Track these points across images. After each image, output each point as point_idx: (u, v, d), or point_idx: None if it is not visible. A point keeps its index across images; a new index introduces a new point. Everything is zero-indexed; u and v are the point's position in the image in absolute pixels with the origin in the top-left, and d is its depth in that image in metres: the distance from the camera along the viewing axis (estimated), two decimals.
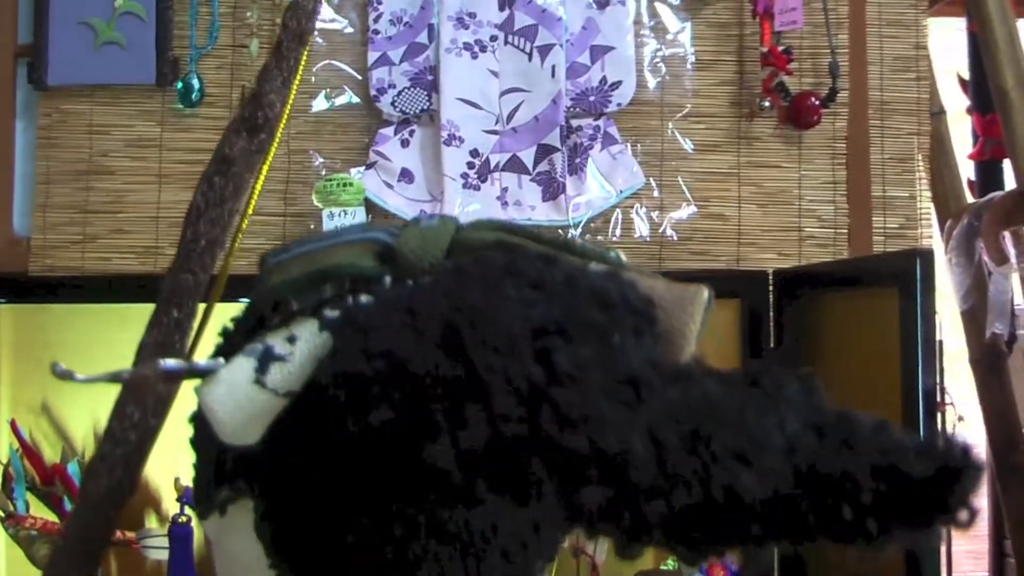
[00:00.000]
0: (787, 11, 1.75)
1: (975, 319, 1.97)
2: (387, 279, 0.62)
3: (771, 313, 1.76)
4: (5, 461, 1.69)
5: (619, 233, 1.76)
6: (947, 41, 2.25)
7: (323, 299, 0.62)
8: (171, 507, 1.71)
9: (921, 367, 1.48)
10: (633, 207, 1.78)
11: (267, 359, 0.59)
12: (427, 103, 1.75)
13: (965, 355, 2.06)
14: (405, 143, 1.75)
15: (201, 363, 0.59)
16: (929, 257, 1.55)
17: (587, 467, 0.45)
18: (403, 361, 0.52)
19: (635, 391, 0.46)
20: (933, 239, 1.86)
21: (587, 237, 1.74)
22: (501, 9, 1.77)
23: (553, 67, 1.74)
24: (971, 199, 2.06)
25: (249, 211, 0.74)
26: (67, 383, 1.69)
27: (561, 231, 1.71)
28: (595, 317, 0.49)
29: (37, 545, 1.61)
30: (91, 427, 1.74)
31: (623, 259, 0.59)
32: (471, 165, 1.73)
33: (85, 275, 1.77)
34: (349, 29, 1.79)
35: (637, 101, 1.79)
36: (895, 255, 1.70)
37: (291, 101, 0.72)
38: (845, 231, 1.81)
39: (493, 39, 1.76)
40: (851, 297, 1.66)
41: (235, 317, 0.68)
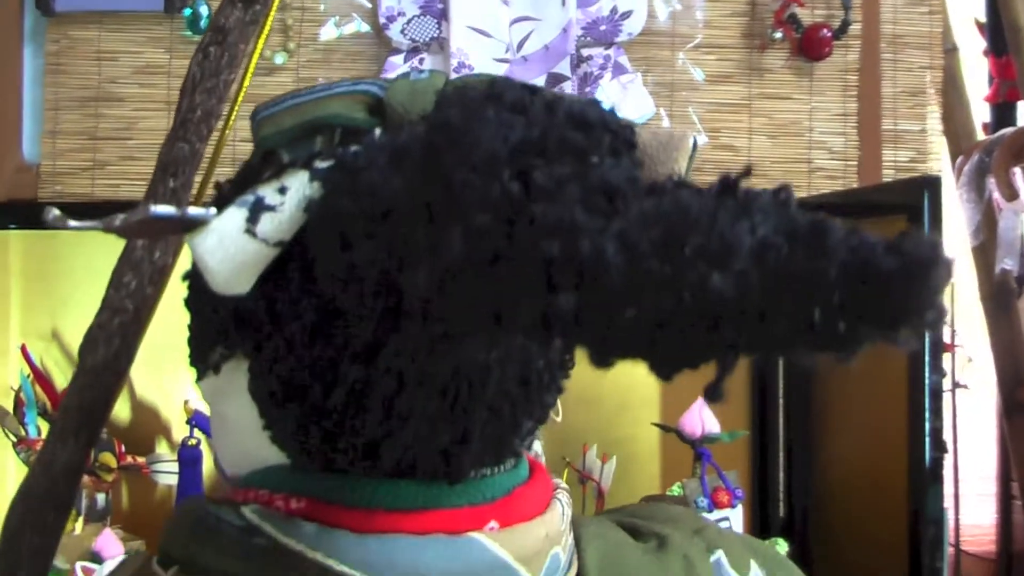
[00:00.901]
0: None
1: (985, 255, 1.97)
2: (377, 130, 0.62)
3: None
4: (16, 387, 1.70)
5: None
6: None
7: (314, 152, 0.62)
8: (180, 433, 1.72)
9: None
10: None
11: (258, 209, 0.59)
12: (436, 31, 1.74)
13: (976, 299, 2.05)
14: None
15: (191, 212, 0.59)
16: (937, 185, 1.54)
17: (561, 274, 0.45)
18: (388, 195, 0.52)
19: (610, 201, 0.46)
20: (943, 173, 1.85)
21: None
22: None
23: None
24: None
25: (246, 83, 0.74)
26: (75, 310, 1.70)
27: None
28: (574, 137, 0.49)
29: None
30: None
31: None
32: None
33: (95, 201, 1.77)
34: None
35: (648, 31, 1.78)
36: (903, 183, 1.69)
37: None
38: (855, 164, 1.80)
39: None
40: (859, 227, 1.65)
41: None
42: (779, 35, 1.78)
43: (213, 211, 0.59)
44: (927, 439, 1.50)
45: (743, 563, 0.77)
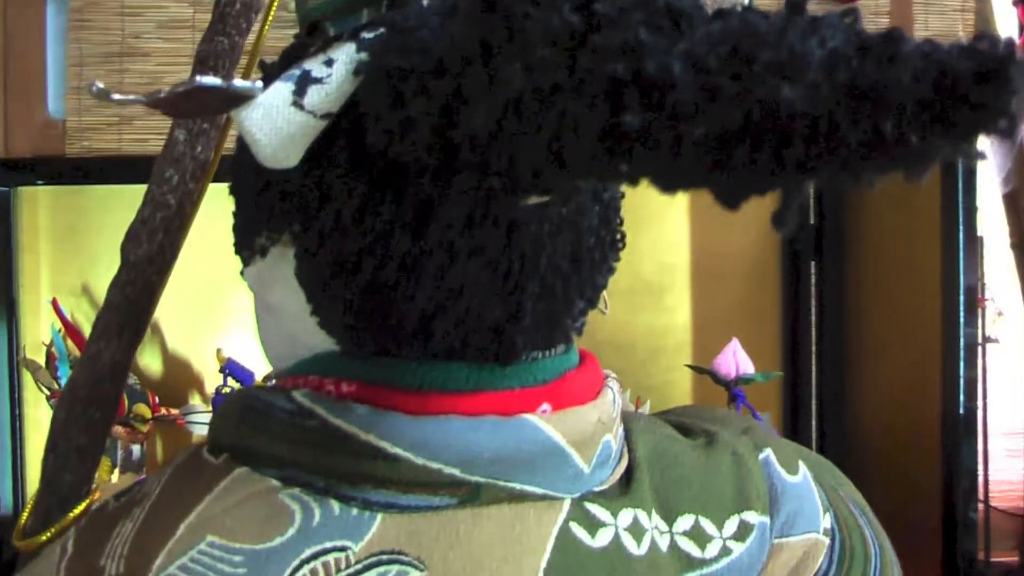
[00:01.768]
0: None
1: (1015, 203, 1.95)
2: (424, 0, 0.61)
3: (811, 188, 1.73)
4: (48, 342, 1.70)
5: None
6: None
7: (360, 23, 0.61)
8: (213, 384, 1.72)
9: (962, 226, 1.46)
10: None
11: (304, 82, 0.58)
12: None
13: (1007, 252, 2.03)
14: None
15: (237, 84, 0.58)
16: None
17: (627, 93, 0.44)
18: (441, 47, 0.51)
19: (675, 24, 0.45)
20: None
21: None
22: None
23: None
24: None
25: None
26: (105, 265, 1.69)
27: None
28: None
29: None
30: None
31: None
32: None
33: (122, 156, 1.76)
34: None
35: None
36: None
37: None
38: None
39: None
40: None
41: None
42: None
43: (259, 84, 0.58)
44: (961, 389, 1.49)
45: (791, 463, 0.76)
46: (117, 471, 1.60)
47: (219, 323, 1.69)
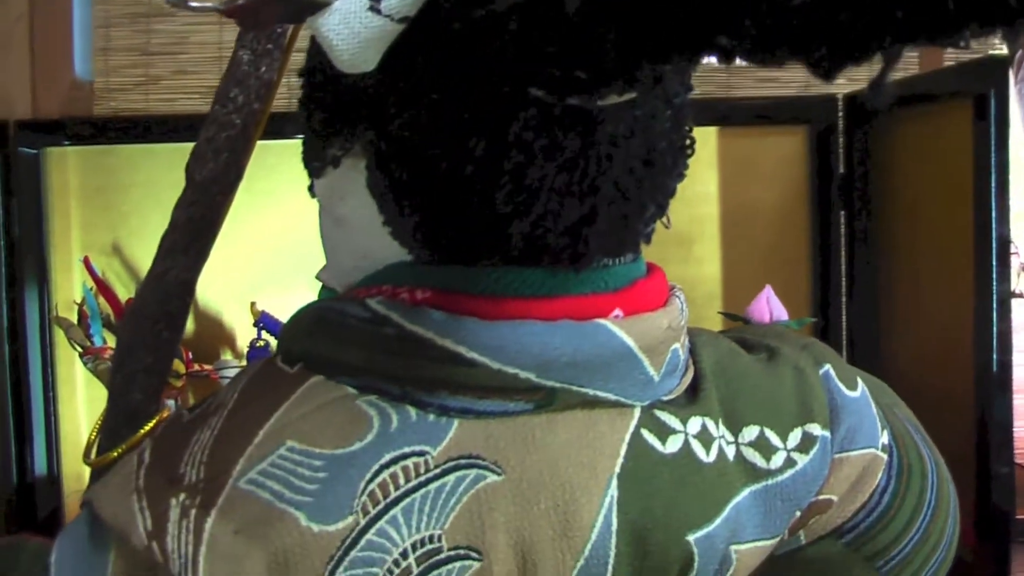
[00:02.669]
0: None
1: None
2: None
3: (841, 139, 1.74)
4: (79, 300, 1.71)
5: None
6: None
7: None
8: (245, 339, 1.73)
9: (995, 179, 1.46)
10: None
11: None
12: None
13: None
14: None
15: None
16: (1004, 66, 1.52)
17: None
18: None
19: None
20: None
21: None
22: None
23: None
24: None
25: None
26: (135, 224, 1.70)
27: None
28: None
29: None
30: None
31: None
32: None
33: (150, 115, 1.77)
34: None
35: None
36: (967, 65, 1.66)
37: None
38: (916, 54, 1.78)
39: None
40: (923, 116, 1.63)
41: None
42: None
43: None
44: (994, 342, 1.48)
45: (850, 378, 0.76)
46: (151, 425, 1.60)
47: (250, 279, 1.70)
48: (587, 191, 0.60)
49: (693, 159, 0.68)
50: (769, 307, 1.55)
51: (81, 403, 1.77)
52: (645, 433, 0.65)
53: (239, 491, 0.58)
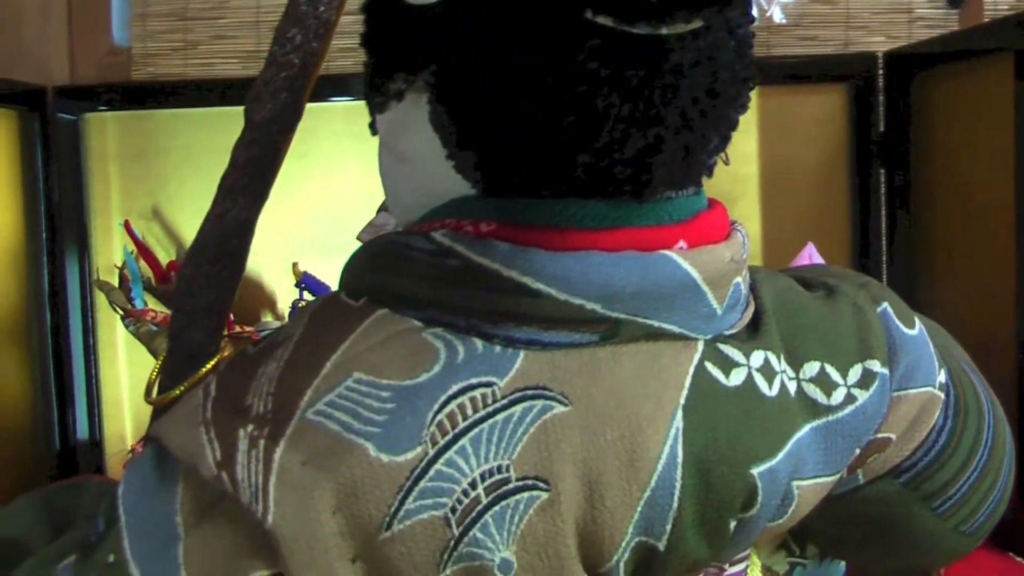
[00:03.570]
0: None
1: None
2: None
3: (881, 97, 1.73)
4: (119, 264, 1.72)
5: None
6: None
7: None
8: (286, 301, 1.73)
9: None
10: None
11: None
12: None
13: None
14: None
15: None
16: None
17: None
18: None
19: None
20: None
21: None
22: None
23: None
24: None
25: None
26: (173, 188, 1.71)
27: None
28: None
29: (158, 340, 1.63)
30: None
31: None
32: None
33: (188, 80, 1.77)
34: None
35: None
36: (1006, 19, 1.65)
37: None
38: (956, 12, 1.76)
39: None
40: (963, 73, 1.62)
41: None
42: None
43: None
44: None
45: (908, 316, 0.76)
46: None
47: (290, 241, 1.70)
48: (652, 121, 0.60)
49: None
50: (811, 264, 1.55)
51: (123, 366, 1.78)
52: (709, 366, 0.65)
53: (307, 422, 0.58)
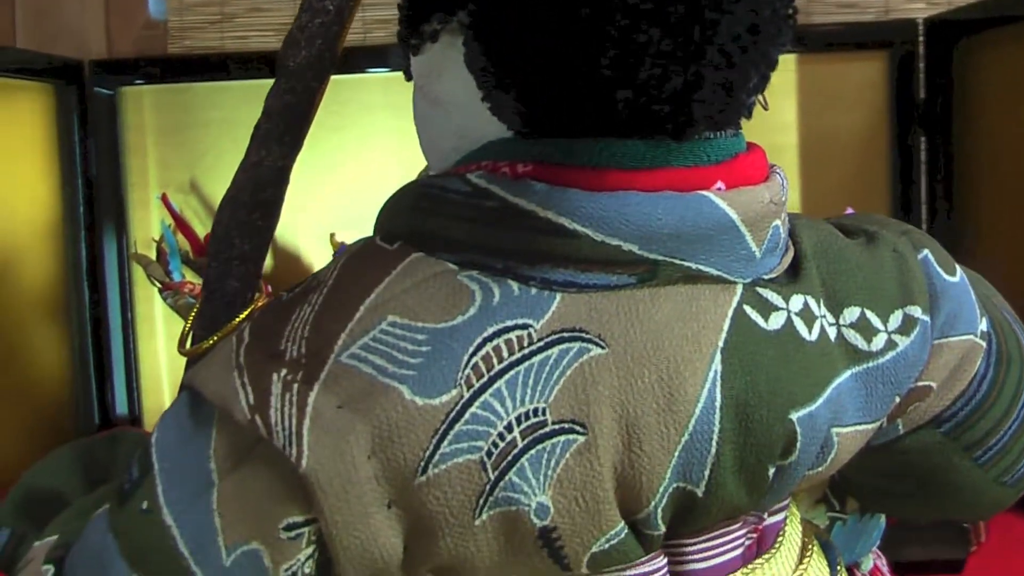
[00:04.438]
0: None
1: None
2: None
3: (922, 64, 1.70)
4: (157, 238, 1.72)
5: None
6: None
7: None
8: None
9: None
10: None
11: None
12: None
13: None
14: None
15: None
16: None
17: None
18: None
19: None
20: None
21: None
22: None
23: None
24: None
25: None
26: (210, 161, 1.71)
27: None
28: None
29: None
30: None
31: None
32: None
33: (225, 53, 1.78)
34: None
35: None
36: None
37: None
38: None
39: None
40: (1006, 39, 1.59)
41: None
42: None
43: None
44: None
45: (949, 264, 0.75)
46: None
47: (326, 213, 1.70)
48: (692, 57, 0.59)
49: (770, 88, 0.67)
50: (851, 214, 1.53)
51: (160, 340, 1.79)
52: (748, 309, 0.64)
53: (342, 365, 0.58)
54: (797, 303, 0.66)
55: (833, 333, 0.68)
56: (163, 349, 1.79)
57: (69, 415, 1.77)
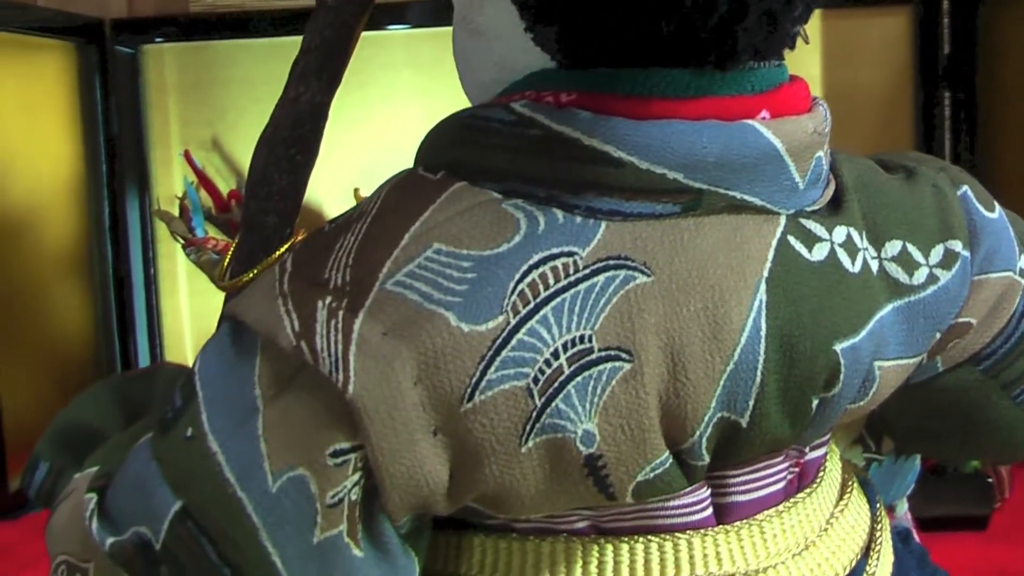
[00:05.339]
0: None
1: None
2: None
3: (947, 19, 1.69)
4: (180, 195, 1.72)
5: None
6: None
7: None
8: None
9: None
10: None
11: None
12: None
13: None
14: None
15: None
16: None
17: None
18: None
19: None
20: None
21: None
22: None
23: None
24: None
25: None
26: (232, 118, 1.71)
27: None
28: None
29: (219, 268, 1.63)
30: None
31: None
32: None
33: (247, 11, 1.77)
34: None
35: None
36: None
37: None
38: None
39: None
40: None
41: None
42: None
43: None
44: None
45: (988, 200, 0.75)
46: None
47: (350, 168, 1.70)
48: None
49: (796, 48, 0.67)
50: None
51: (183, 297, 1.80)
52: (792, 239, 0.64)
53: (387, 292, 0.58)
54: (840, 234, 0.66)
55: (875, 266, 0.67)
56: (186, 305, 1.80)
57: (92, 372, 1.78)
